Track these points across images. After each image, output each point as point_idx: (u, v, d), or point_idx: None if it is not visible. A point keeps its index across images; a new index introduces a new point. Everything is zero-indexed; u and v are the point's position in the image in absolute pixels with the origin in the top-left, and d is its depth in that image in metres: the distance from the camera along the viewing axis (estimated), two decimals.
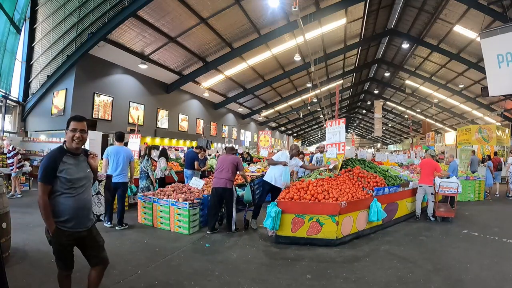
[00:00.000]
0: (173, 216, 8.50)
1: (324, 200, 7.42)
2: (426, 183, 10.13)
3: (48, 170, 3.61)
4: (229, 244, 7.42)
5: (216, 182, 8.50)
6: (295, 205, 7.40)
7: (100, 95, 22.55)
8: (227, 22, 21.74)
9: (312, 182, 8.27)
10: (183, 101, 33.22)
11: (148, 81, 27.34)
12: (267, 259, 6.46)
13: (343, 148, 9.76)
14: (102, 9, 17.67)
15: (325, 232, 7.20)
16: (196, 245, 7.37)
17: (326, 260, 6.39)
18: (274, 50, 27.14)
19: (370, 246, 7.35)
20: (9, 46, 18.31)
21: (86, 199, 3.85)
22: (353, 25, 26.56)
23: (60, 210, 3.64)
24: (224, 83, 33.17)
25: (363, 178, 9.12)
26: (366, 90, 51.61)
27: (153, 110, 28.77)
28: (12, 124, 22.07)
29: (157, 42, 22.16)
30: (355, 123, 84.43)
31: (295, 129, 71.28)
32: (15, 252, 6.25)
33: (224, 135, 42.19)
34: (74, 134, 3.78)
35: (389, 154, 22.29)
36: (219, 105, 39.01)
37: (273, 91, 39.17)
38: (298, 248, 7.03)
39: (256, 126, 52.77)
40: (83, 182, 3.81)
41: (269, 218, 7.21)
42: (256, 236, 8.09)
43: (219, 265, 6.07)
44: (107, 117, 23.29)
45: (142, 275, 5.54)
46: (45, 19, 19.98)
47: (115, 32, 19.55)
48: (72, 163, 3.77)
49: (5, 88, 19.51)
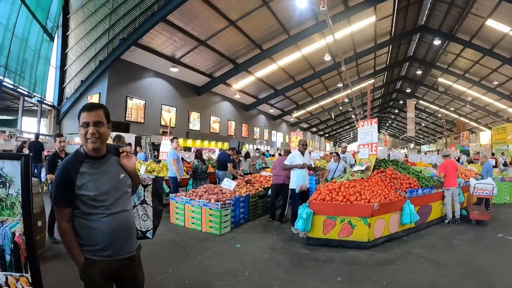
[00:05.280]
0: (204, 217, 8.52)
1: (356, 201, 7.29)
2: (453, 186, 9.75)
3: (61, 189, 2.56)
4: (260, 245, 7.39)
5: (275, 179, 9.84)
6: (326, 207, 7.29)
7: (132, 98, 23.08)
8: (255, 23, 21.78)
9: (344, 183, 8.15)
10: (214, 103, 33.47)
11: (180, 84, 27.68)
12: (298, 260, 6.40)
13: (376, 149, 9.62)
14: (132, 15, 18.08)
15: (356, 234, 7.08)
16: (227, 245, 7.36)
17: (357, 262, 6.30)
18: (304, 50, 26.98)
19: (402, 249, 7.19)
20: (43, 53, 19.18)
21: (124, 216, 2.72)
22: (383, 23, 26.14)
23: (89, 236, 2.59)
24: (255, 84, 33.25)
25: (395, 180, 8.93)
26: (398, 89, 50.62)
27: (185, 112, 29.13)
28: (48, 127, 22.75)
29: (187, 45, 22.41)
30: (387, 123, 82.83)
31: (327, 129, 70.84)
32: (49, 250, 6.41)
33: (255, 136, 42.29)
34: (86, 130, 2.58)
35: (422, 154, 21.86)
36: (250, 107, 39.09)
37: (304, 91, 38.99)
38: (329, 250, 6.93)
39: (287, 127, 52.64)
40: (116, 194, 2.67)
41: (300, 219, 7.13)
42: (288, 237, 8.00)
43: (249, 265, 6.05)
44: (140, 119, 23.80)
45: (172, 274, 5.57)
46: (77, 26, 20.59)
47: (146, 37, 19.88)
48: (94, 172, 2.62)
49: (40, 93, 20.26)
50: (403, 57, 36.74)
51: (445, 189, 9.76)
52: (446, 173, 9.86)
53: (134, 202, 3.42)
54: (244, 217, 9.47)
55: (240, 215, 9.27)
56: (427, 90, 43.59)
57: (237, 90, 32.48)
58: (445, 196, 9.75)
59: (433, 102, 47.64)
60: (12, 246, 2.64)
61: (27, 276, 2.62)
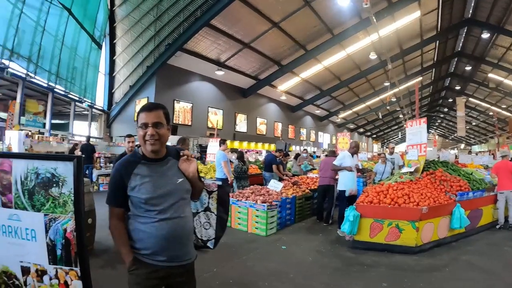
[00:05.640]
0: (250, 218, 8.58)
1: (405, 204, 7.08)
2: (507, 189, 9.21)
3: (113, 189, 2.57)
4: (305, 247, 7.35)
5: (321, 181, 9.85)
6: (374, 209, 7.16)
7: (179, 101, 23.61)
8: (298, 24, 21.63)
9: (392, 185, 7.98)
10: (260, 105, 33.61)
11: (226, 87, 27.95)
12: (343, 264, 6.33)
13: (425, 150, 9.36)
14: (176, 21, 18.59)
15: (404, 239, 6.89)
16: (273, 246, 7.38)
17: (404, 268, 6.14)
18: (349, 49, 26.58)
19: (450, 255, 6.94)
20: (92, 61, 20.40)
21: (178, 223, 2.54)
22: (428, 17, 25.04)
23: (140, 239, 2.50)
24: (300, 85, 33.03)
25: (445, 182, 8.64)
26: (447, 87, 48.55)
27: (231, 114, 29.43)
28: (98, 130, 23.88)
29: (231, 48, 22.66)
30: (436, 122, 79.87)
31: (374, 130, 69.42)
32: (97, 246, 6.67)
33: (302, 137, 42.02)
34: (145, 131, 2.47)
35: (473, 155, 21.10)
36: (296, 108, 38.89)
37: (350, 91, 38.45)
38: (375, 254, 6.79)
39: (334, 128, 52.01)
40: (171, 199, 2.51)
41: (347, 222, 7.04)
42: (334, 240, 7.94)
43: (294, 267, 6.04)
44: (187, 122, 24.32)
45: (217, 274, 5.62)
46: (123, 34, 21.58)
47: (191, 42, 20.23)
48: (150, 174, 2.51)
49: (90, 98, 21.42)
50: (450, 52, 34.89)
51: (498, 192, 9.33)
52: (499, 174, 9.46)
53: (197, 209, 3.29)
54: (290, 218, 9.46)
55: (286, 216, 9.26)
56: (477, 86, 41.21)
57: (282, 91, 32.38)
58: (498, 200, 9.31)
59: (484, 100, 45.11)
60: (63, 242, 2.78)
61: (76, 270, 2.76)
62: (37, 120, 17.57)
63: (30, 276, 2.92)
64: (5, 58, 14.20)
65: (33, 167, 2.84)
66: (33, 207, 2.84)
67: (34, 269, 2.90)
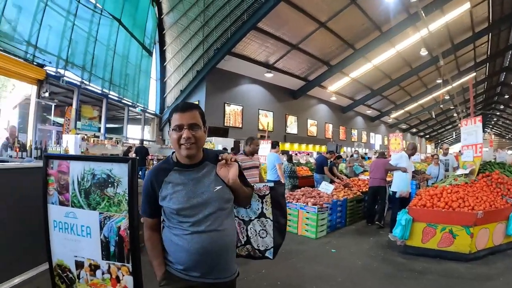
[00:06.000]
0: (301, 220, 8.50)
1: (459, 208, 6.75)
2: None
3: (145, 198, 2.35)
4: (355, 250, 7.22)
5: (372, 182, 9.69)
6: (427, 213, 6.89)
7: (230, 104, 24.08)
8: (346, 23, 21.43)
9: (446, 188, 7.63)
10: (310, 106, 33.53)
11: (275, 89, 28.10)
12: (393, 269, 6.15)
13: (481, 150, 8.99)
14: (224, 26, 18.98)
15: (457, 245, 6.58)
16: (322, 249, 7.30)
17: (455, 276, 5.89)
18: (398, 46, 25.97)
19: (506, 264, 6.55)
20: (143, 68, 21.34)
21: (214, 237, 2.19)
22: (479, 9, 23.62)
23: (173, 252, 2.26)
24: (350, 85, 32.67)
25: (502, 185, 8.20)
26: (502, 82, 46.34)
27: (282, 116, 29.55)
28: (151, 133, 24.76)
29: (279, 50, 22.76)
30: (492, 121, 76.45)
31: (427, 130, 67.48)
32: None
33: (353, 139, 41.61)
34: (179, 134, 2.16)
35: None
36: (347, 108, 38.56)
37: (401, 90, 37.58)
38: (426, 261, 6.54)
39: (386, 128, 51.08)
40: (206, 209, 2.19)
41: (399, 226, 6.84)
42: (385, 244, 7.74)
43: (343, 271, 5.95)
44: (238, 124, 24.74)
45: (265, 275, 5.60)
46: (172, 41, 22.31)
47: (239, 46, 20.48)
48: (183, 182, 2.23)
49: (143, 103, 22.20)
50: (504, 45, 33.23)
51: None
52: None
53: (250, 217, 2.90)
54: (340, 221, 9.33)
55: (337, 219, 9.14)
56: None
57: (332, 92, 32.22)
58: None
59: None
60: (117, 239, 2.94)
61: (128, 266, 2.89)
62: (93, 124, 18.42)
63: (84, 270, 3.11)
64: (61, 67, 14.91)
65: (90, 168, 3.04)
66: (89, 205, 3.04)
67: (88, 264, 3.07)
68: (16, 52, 12.55)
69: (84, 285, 3.12)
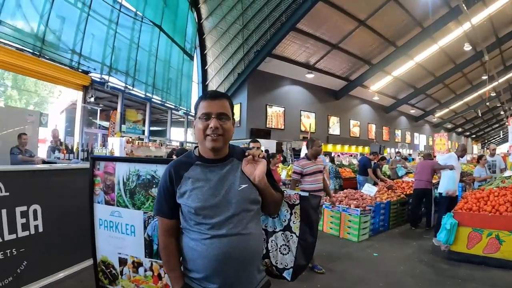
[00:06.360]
0: (343, 222, 8.40)
1: (506, 213, 6.44)
2: None
3: (161, 194, 2.05)
4: (398, 255, 7.06)
5: (417, 184, 9.44)
6: (472, 218, 6.61)
7: (272, 106, 24.15)
8: (385, 20, 21.09)
9: (493, 191, 7.33)
10: (353, 107, 33.21)
11: (317, 89, 28.00)
12: (436, 276, 5.95)
13: None
14: (263, 28, 19.11)
15: (503, 251, 6.25)
16: (364, 253, 7.17)
17: (500, 284, 5.60)
18: (441, 42, 25.22)
19: None
20: (185, 71, 21.82)
21: (237, 242, 1.90)
22: None
23: (191, 259, 1.96)
24: (393, 84, 32.13)
25: None
26: None
27: (324, 117, 29.43)
28: (194, 135, 24.43)
29: (320, 50, 22.70)
30: None
31: (473, 129, 65.15)
32: None
33: (397, 139, 40.93)
34: (206, 123, 1.92)
35: None
36: (390, 108, 37.94)
37: (445, 88, 36.41)
38: (471, 267, 6.27)
39: (430, 128, 49.98)
40: (229, 210, 1.91)
41: (443, 230, 6.63)
42: (428, 249, 7.50)
43: (384, 276, 5.81)
44: (280, 126, 24.77)
45: (305, 277, 5.49)
46: (213, 44, 22.65)
47: (279, 47, 20.57)
48: (203, 178, 1.96)
49: (186, 106, 22.60)
50: None
51: None
52: None
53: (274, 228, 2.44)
54: (383, 224, 9.15)
55: (379, 222, 8.98)
56: None
57: (375, 91, 31.82)
58: None
59: None
60: None
61: None
62: (137, 127, 18.98)
63: (127, 266, 3.25)
64: (105, 73, 15.58)
65: (135, 169, 3.19)
66: (133, 205, 3.18)
67: (131, 261, 3.22)
68: (62, 60, 13.21)
69: (126, 281, 3.27)
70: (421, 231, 9.03)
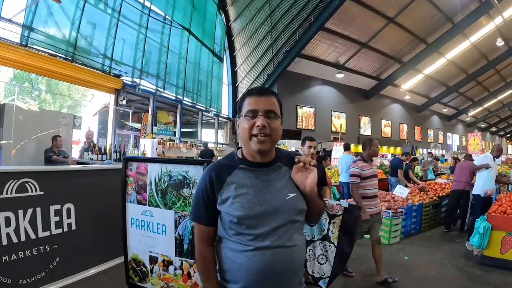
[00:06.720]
0: None
1: None
2: None
3: (198, 199, 1.84)
4: (429, 259, 6.90)
5: (456, 185, 9.25)
6: (507, 221, 6.34)
7: (302, 107, 24.26)
8: (415, 16, 20.87)
9: None
10: (384, 106, 32.90)
11: (347, 89, 27.86)
12: (467, 281, 5.78)
13: None
14: (291, 29, 19.17)
15: None
16: (394, 256, 7.03)
17: None
18: (472, 38, 24.70)
19: None
20: (215, 73, 22.16)
21: (282, 255, 1.71)
22: None
23: (230, 270, 1.78)
24: (425, 82, 31.67)
25: None
26: None
27: (355, 117, 29.28)
28: (224, 137, 25.33)
29: (349, 50, 22.62)
30: None
31: (508, 128, 62.77)
32: None
33: (429, 139, 40.29)
34: (252, 122, 1.69)
35: None
36: (421, 107, 37.36)
37: (479, 85, 35.65)
38: (504, 273, 6.01)
39: (463, 127, 48.89)
40: (275, 220, 1.71)
41: (476, 234, 6.42)
42: (461, 253, 7.27)
43: (414, 280, 5.72)
44: (311, 127, 24.81)
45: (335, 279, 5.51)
46: (242, 46, 22.81)
47: (308, 47, 20.63)
48: (250, 184, 1.75)
49: (216, 107, 22.94)
50: None
51: None
52: None
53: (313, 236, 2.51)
54: (415, 227, 9.00)
55: (411, 225, 8.82)
56: None
57: (406, 90, 31.46)
58: None
59: None
60: (191, 237, 3.14)
61: None
62: (168, 129, 19.39)
63: (157, 265, 3.36)
64: (136, 77, 16.00)
65: (167, 170, 3.28)
66: (165, 205, 3.27)
67: (161, 259, 3.31)
68: (94, 64, 13.60)
69: (156, 279, 3.36)
70: (454, 234, 8.83)
